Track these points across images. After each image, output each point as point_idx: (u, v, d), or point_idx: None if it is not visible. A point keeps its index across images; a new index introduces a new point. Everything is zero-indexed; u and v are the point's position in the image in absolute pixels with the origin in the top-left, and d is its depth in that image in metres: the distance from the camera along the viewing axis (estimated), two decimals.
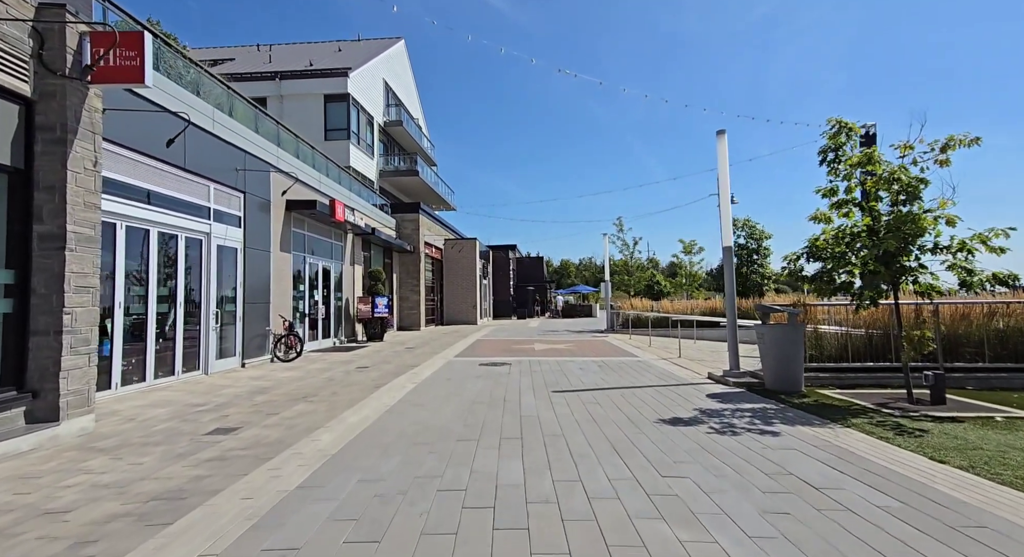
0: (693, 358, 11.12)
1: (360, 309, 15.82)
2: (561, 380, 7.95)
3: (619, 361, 10.48)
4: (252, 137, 10.72)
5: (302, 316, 12.93)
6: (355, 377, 8.50)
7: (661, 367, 9.48)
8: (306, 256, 13.18)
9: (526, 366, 9.75)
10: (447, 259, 27.32)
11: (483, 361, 10.54)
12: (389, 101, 28.49)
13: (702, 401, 6.19)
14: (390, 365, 10.14)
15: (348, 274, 16.16)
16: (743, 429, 4.78)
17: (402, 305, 22.15)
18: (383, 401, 6.30)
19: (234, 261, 9.89)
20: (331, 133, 23.37)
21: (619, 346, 13.87)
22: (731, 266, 7.87)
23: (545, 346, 13.93)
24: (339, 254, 15.61)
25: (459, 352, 12.50)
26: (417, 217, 22.49)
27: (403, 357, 11.56)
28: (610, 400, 6.27)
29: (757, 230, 21.02)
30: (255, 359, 10.43)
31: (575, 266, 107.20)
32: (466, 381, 7.88)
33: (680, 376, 8.33)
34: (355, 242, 16.76)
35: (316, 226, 13.84)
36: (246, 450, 4.22)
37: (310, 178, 13.43)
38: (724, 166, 7.88)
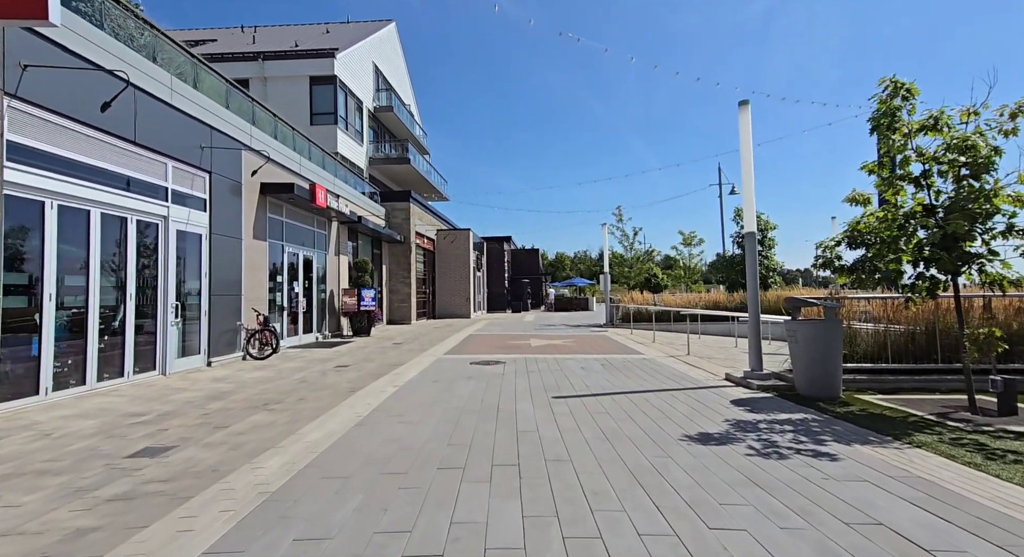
0: (703, 355, 10.26)
1: (345, 302, 14.85)
2: (562, 383, 7.06)
3: (624, 359, 9.61)
4: (221, 112, 9.68)
5: (280, 310, 11.96)
6: (331, 378, 7.58)
7: (671, 366, 8.61)
8: (284, 245, 12.19)
9: (522, 365, 8.86)
10: (439, 250, 26.34)
11: (475, 359, 9.64)
12: (379, 86, 27.33)
13: (728, 410, 5.31)
14: (372, 364, 9.22)
15: (333, 265, 15.17)
16: (790, 449, 3.91)
17: (392, 298, 21.20)
18: (356, 410, 5.38)
19: (198, 249, 8.90)
20: (317, 117, 22.24)
21: (621, 342, 13.01)
22: (754, 255, 6.98)
23: (542, 342, 13.05)
24: (323, 243, 14.61)
25: (450, 349, 11.60)
26: (408, 206, 21.48)
27: (388, 354, 10.64)
28: (620, 408, 5.38)
29: (762, 220, 20.10)
30: (224, 357, 9.48)
31: (570, 259, 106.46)
32: (455, 384, 6.97)
33: (694, 378, 7.46)
34: (340, 231, 15.76)
35: (296, 213, 12.83)
36: (166, 483, 3.30)
37: (289, 160, 12.40)
38: (747, 140, 6.97)
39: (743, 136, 7.00)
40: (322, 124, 22.05)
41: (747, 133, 6.98)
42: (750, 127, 7.02)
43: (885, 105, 5.18)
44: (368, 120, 25.82)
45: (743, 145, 7.00)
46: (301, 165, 13.09)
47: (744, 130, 7.01)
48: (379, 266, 20.24)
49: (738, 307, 18.40)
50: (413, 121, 31.11)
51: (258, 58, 22.26)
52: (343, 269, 15.84)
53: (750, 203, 6.98)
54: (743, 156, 7.00)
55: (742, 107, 7.07)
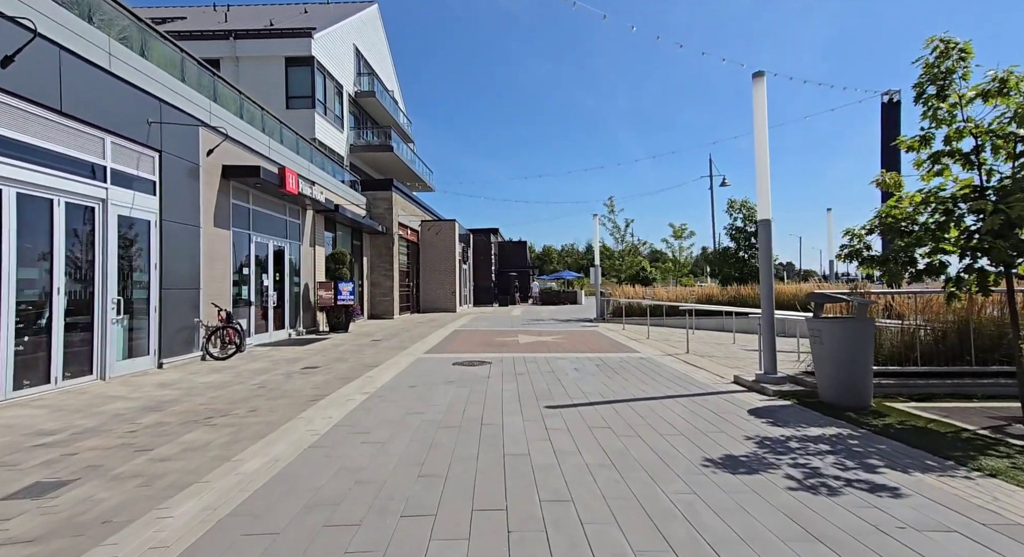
0: (702, 354, 9.60)
1: (321, 296, 13.91)
2: (554, 387, 6.30)
3: (619, 358, 8.89)
4: (175, 86, 8.67)
5: (247, 305, 11.01)
6: (294, 383, 6.72)
7: (671, 367, 7.91)
8: (252, 234, 11.21)
9: (510, 366, 8.09)
10: (424, 242, 25.40)
11: (458, 359, 8.84)
12: (360, 70, 26.13)
13: (748, 422, 4.60)
14: (344, 365, 8.36)
15: (308, 256, 14.20)
16: (838, 479, 3.19)
17: (373, 291, 20.26)
18: (313, 426, 4.55)
19: (146, 237, 7.93)
20: (294, 101, 21.08)
21: (614, 339, 12.31)
22: (769, 245, 6.26)
23: (531, 338, 12.29)
24: (296, 233, 13.63)
25: (432, 346, 10.77)
26: (390, 195, 20.49)
27: (364, 353, 9.78)
28: (624, 421, 4.64)
29: (755, 212, 19.54)
30: (179, 358, 8.54)
31: (557, 252, 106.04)
32: (434, 390, 6.17)
33: (700, 381, 6.75)
34: (316, 220, 14.77)
35: (265, 199, 11.84)
36: (30, 546, 2.45)
37: (256, 142, 11.39)
38: (762, 116, 6.23)
39: (757, 111, 6.26)
40: (299, 108, 20.90)
41: (762, 108, 6.24)
42: (765, 102, 6.27)
43: (934, 69, 4.46)
44: (349, 106, 24.68)
45: (757, 121, 6.26)
46: (270, 148, 12.08)
47: (759, 105, 6.26)
48: (359, 258, 19.28)
49: (732, 301, 17.85)
50: (397, 108, 29.99)
51: (229, 37, 20.98)
52: (319, 261, 14.87)
53: (764, 186, 6.25)
54: (757, 134, 6.26)
55: (756, 80, 6.33)
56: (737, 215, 19.98)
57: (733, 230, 19.93)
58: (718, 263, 20.21)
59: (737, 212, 19.97)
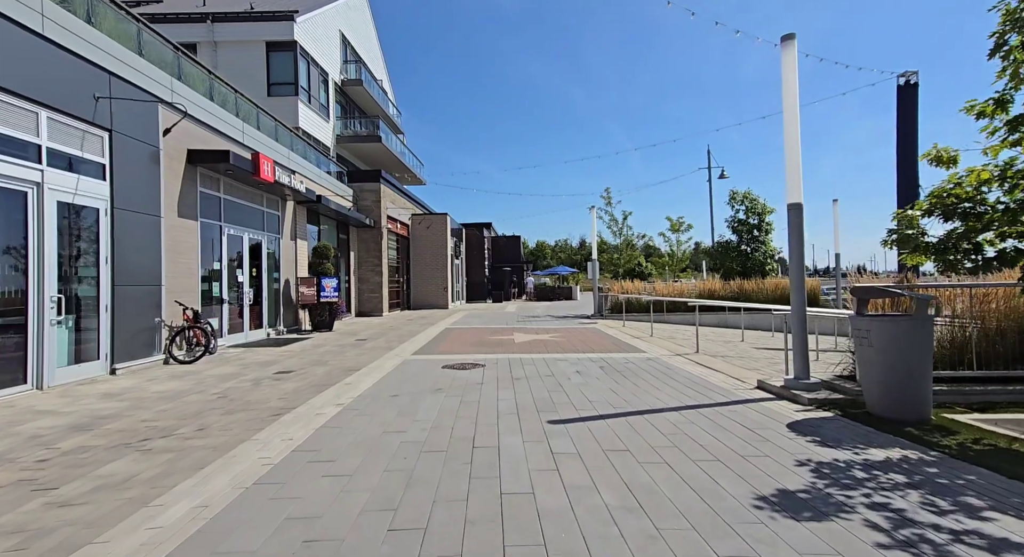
0: (713, 353, 8.87)
1: (303, 293, 13.04)
2: (556, 395, 5.52)
3: (624, 359, 8.13)
4: (129, 58, 7.75)
5: (219, 302, 10.12)
6: (261, 392, 5.89)
7: (683, 369, 7.16)
8: (224, 226, 10.31)
9: (505, 369, 7.30)
10: (414, 236, 24.52)
11: (449, 361, 8.04)
12: (347, 57, 25.11)
13: (792, 441, 3.85)
14: (322, 369, 7.54)
15: (288, 250, 13.31)
16: (936, 528, 2.44)
17: (361, 287, 19.38)
18: (267, 452, 3.74)
19: (95, 227, 7.04)
20: (276, 88, 20.08)
21: (616, 336, 11.56)
22: (800, 230, 5.50)
23: (527, 337, 11.51)
24: (275, 226, 12.73)
25: (421, 347, 9.96)
26: (378, 187, 19.58)
27: (346, 355, 8.95)
28: (644, 441, 3.87)
29: (759, 204, 18.85)
30: (139, 362, 7.67)
31: (551, 248, 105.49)
32: (419, 400, 5.37)
33: (719, 386, 6.00)
34: (298, 212, 13.87)
35: (239, 188, 10.93)
36: None
37: (228, 126, 10.47)
38: (792, 83, 5.45)
39: (787, 78, 5.48)
40: (281, 96, 19.91)
41: (792, 74, 5.46)
42: (796, 67, 5.49)
43: (1018, 14, 3.70)
44: (335, 94, 23.68)
45: (788, 92, 5.48)
46: (244, 132, 11.15)
47: (789, 72, 5.48)
48: (346, 253, 18.40)
49: (735, 296, 17.19)
50: (386, 98, 29.00)
51: (207, 20, 19.90)
52: (301, 255, 13.99)
53: (795, 164, 5.48)
54: (787, 106, 5.48)
55: (785, 44, 5.55)
56: (739, 207, 19.29)
57: (735, 223, 19.25)
58: (719, 257, 19.52)
59: (739, 204, 19.29)
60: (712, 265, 20.10)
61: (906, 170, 11.84)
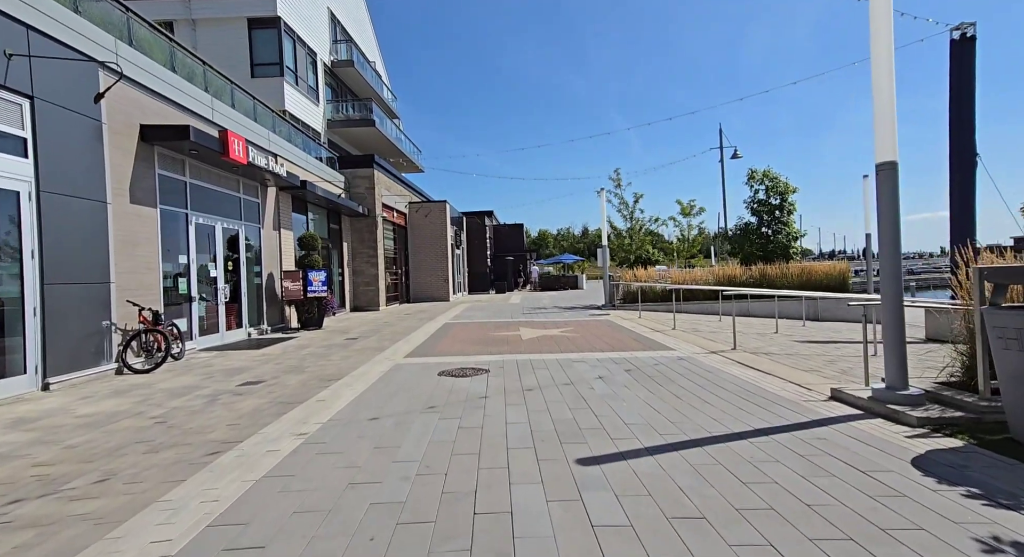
0: (752, 349, 7.67)
1: (287, 287, 11.86)
2: (581, 415, 4.34)
3: (652, 360, 6.94)
4: (53, 10, 6.49)
5: (187, 301, 8.95)
6: (210, 415, 4.73)
7: (728, 373, 5.96)
8: (191, 214, 9.10)
9: (513, 374, 6.12)
10: (412, 225, 23.28)
11: (447, 365, 6.86)
12: (337, 36, 23.70)
13: (939, 498, 2.65)
14: (297, 378, 6.38)
15: (271, 241, 12.12)
16: None
17: (356, 281, 18.22)
18: (172, 529, 2.57)
19: (14, 214, 5.85)
20: (260, 69, 18.76)
21: (634, 330, 10.36)
22: (893, 197, 4.25)
23: (535, 332, 10.32)
24: (255, 214, 11.53)
25: (416, 346, 8.80)
26: (372, 173, 18.31)
27: (330, 358, 7.79)
28: (722, 500, 2.68)
29: (781, 182, 17.49)
30: (82, 373, 6.52)
31: (553, 236, 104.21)
32: (405, 426, 4.20)
33: (782, 397, 4.80)
34: (282, 199, 12.65)
35: (210, 172, 9.71)
36: None
37: (195, 101, 9.21)
38: (883, 12, 4.16)
39: (877, 7, 4.19)
40: (266, 77, 18.59)
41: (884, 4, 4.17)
42: None
43: None
44: (325, 76, 22.32)
45: (877, 24, 4.19)
46: (214, 109, 9.89)
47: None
48: (338, 244, 17.20)
49: (757, 282, 15.95)
50: (380, 81, 27.58)
51: None
52: (287, 247, 12.80)
53: (887, 113, 4.21)
54: (876, 38, 4.19)
55: None
56: (759, 186, 17.95)
57: (755, 203, 17.92)
58: (738, 240, 18.23)
59: (759, 183, 17.94)
60: (731, 249, 18.80)
61: (961, 136, 10.43)
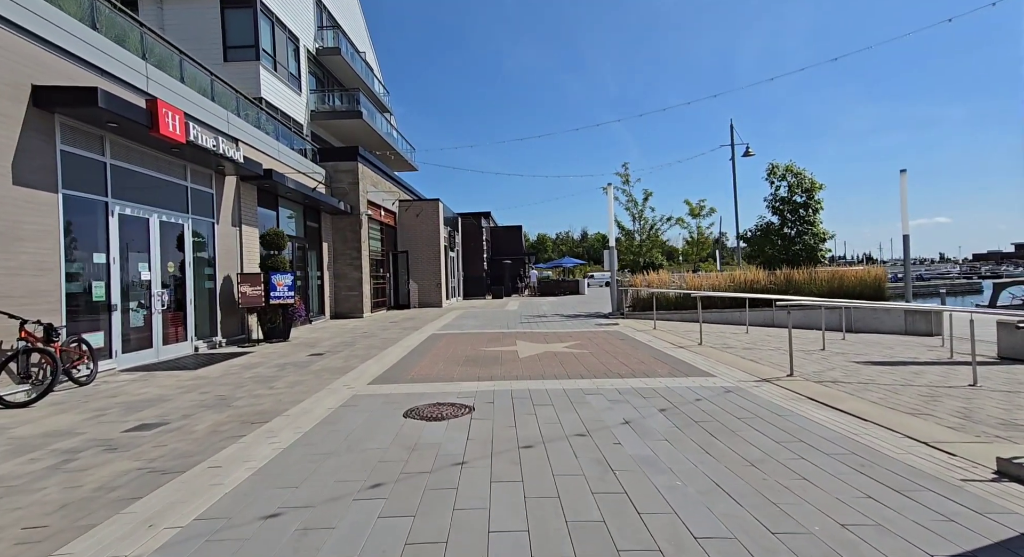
0: (818, 376, 6.00)
1: (245, 293, 10.15)
2: (611, 505, 2.66)
3: (691, 391, 5.26)
4: None
5: (106, 310, 7.26)
6: (17, 502, 3.04)
7: (806, 417, 4.29)
8: (112, 202, 7.42)
9: (505, 417, 4.45)
10: (403, 225, 21.61)
11: (419, 399, 5.18)
12: (323, 22, 22.12)
13: None
14: (212, 419, 4.68)
15: (229, 239, 10.45)
16: None
17: (337, 285, 16.53)
18: None
19: None
20: (233, 52, 17.14)
21: (654, 345, 8.68)
22: None
23: (535, 348, 8.65)
24: (208, 207, 9.86)
25: (388, 367, 7.12)
26: (356, 166, 16.64)
27: (273, 385, 6.09)
28: None
29: (806, 178, 15.88)
30: None
31: (552, 240, 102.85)
32: (320, 531, 2.51)
33: (916, 468, 3.13)
34: (243, 191, 10.99)
35: (142, 153, 8.04)
36: None
37: (119, 65, 7.56)
38: None
39: None
40: (240, 60, 16.97)
41: None
42: None
43: None
44: (309, 64, 20.72)
45: None
46: (149, 78, 8.24)
47: None
48: (317, 244, 15.53)
49: (781, 288, 14.29)
50: (370, 73, 25.98)
51: None
52: (249, 246, 11.12)
53: None
54: None
55: None
56: (780, 183, 16.33)
57: (776, 201, 16.29)
58: (758, 242, 16.59)
59: (779, 179, 16.33)
60: (750, 252, 17.15)
61: None
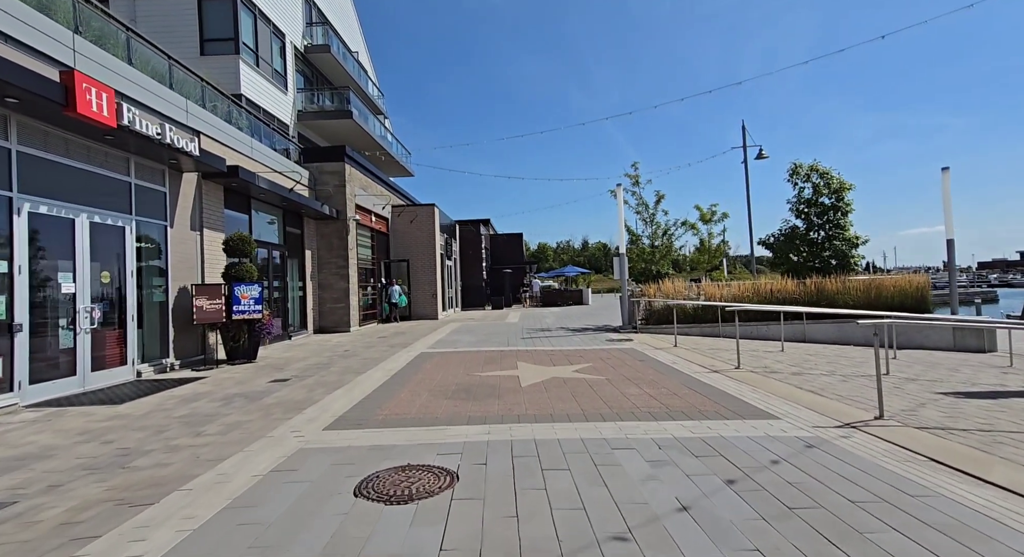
0: (918, 420, 4.55)
1: (201, 308, 8.72)
2: None
3: (758, 447, 3.82)
4: None
5: (6, 330, 5.83)
6: None
7: (944, 493, 2.85)
8: (19, 198, 6.03)
9: (501, 497, 3.01)
10: (396, 232, 20.25)
11: (382, 457, 3.73)
12: (312, 18, 20.97)
13: None
14: (88, 493, 3.23)
15: (186, 245, 9.07)
16: None
17: (322, 296, 15.12)
18: None
19: None
20: (211, 45, 15.90)
21: (682, 369, 7.23)
22: None
23: (539, 371, 7.20)
24: (159, 208, 8.49)
25: (359, 400, 5.68)
26: (342, 168, 15.31)
27: (204, 431, 4.65)
28: None
29: (834, 178, 14.51)
30: None
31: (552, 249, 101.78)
32: None
33: None
34: (206, 190, 9.63)
35: (66, 140, 6.67)
36: None
37: (32, 32, 6.22)
38: None
39: None
40: (218, 54, 15.73)
41: None
42: None
43: None
44: (296, 62, 19.52)
45: None
46: (77, 52, 6.89)
47: None
48: (299, 251, 14.15)
49: (812, 300, 12.87)
50: (363, 74, 24.81)
51: None
52: (212, 252, 9.72)
53: None
54: None
55: None
56: (804, 184, 14.97)
57: (801, 203, 14.91)
58: (782, 248, 15.18)
59: (804, 180, 14.96)
60: (773, 259, 15.72)
61: None
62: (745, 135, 20.65)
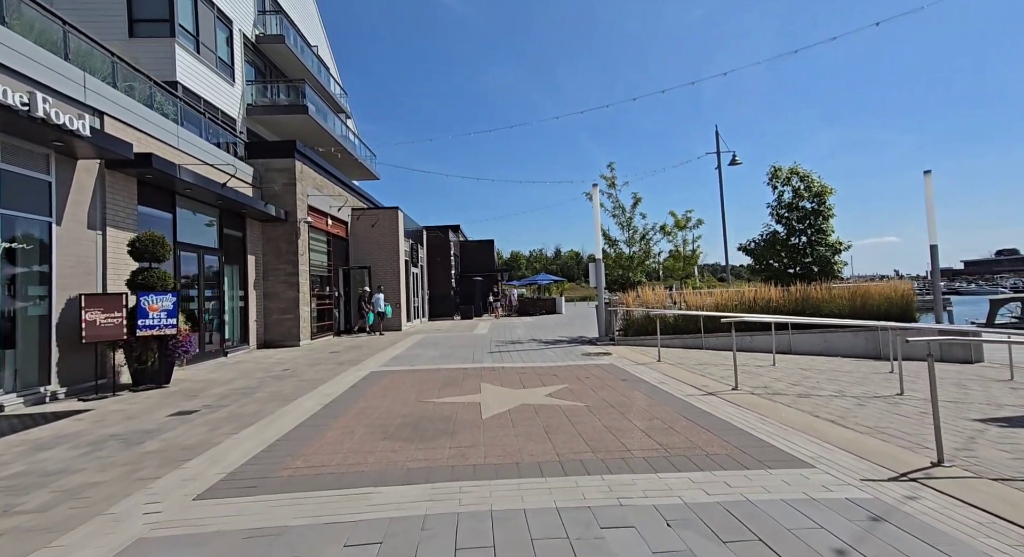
0: (969, 460, 3.54)
1: (93, 322, 7.13)
2: None
3: (803, 516, 2.70)
4: None
5: None
6: None
7: None
8: None
9: None
10: (356, 236, 18.78)
11: None
12: (265, 6, 19.43)
13: None
14: None
15: (83, 247, 7.52)
16: None
17: (268, 307, 13.54)
18: None
19: None
20: (141, 26, 14.24)
21: (672, 391, 6.13)
22: None
23: (506, 397, 5.98)
24: (40, 200, 6.95)
25: (262, 449, 4.34)
26: (292, 164, 13.83)
27: (10, 514, 3.25)
28: None
29: (815, 182, 13.92)
30: None
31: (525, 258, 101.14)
32: None
33: None
34: (111, 183, 8.10)
35: None
36: None
37: None
38: None
39: None
40: (150, 36, 14.07)
41: None
42: None
43: None
44: (246, 52, 17.95)
45: None
46: None
47: None
48: (239, 257, 12.58)
49: (797, 308, 12.10)
50: (324, 70, 23.29)
51: None
52: (119, 256, 8.17)
53: None
54: None
55: None
56: (784, 188, 14.33)
57: (782, 208, 14.25)
58: (762, 254, 14.46)
59: (784, 183, 14.33)
60: (753, 266, 14.99)
61: None
62: (719, 140, 20.09)
